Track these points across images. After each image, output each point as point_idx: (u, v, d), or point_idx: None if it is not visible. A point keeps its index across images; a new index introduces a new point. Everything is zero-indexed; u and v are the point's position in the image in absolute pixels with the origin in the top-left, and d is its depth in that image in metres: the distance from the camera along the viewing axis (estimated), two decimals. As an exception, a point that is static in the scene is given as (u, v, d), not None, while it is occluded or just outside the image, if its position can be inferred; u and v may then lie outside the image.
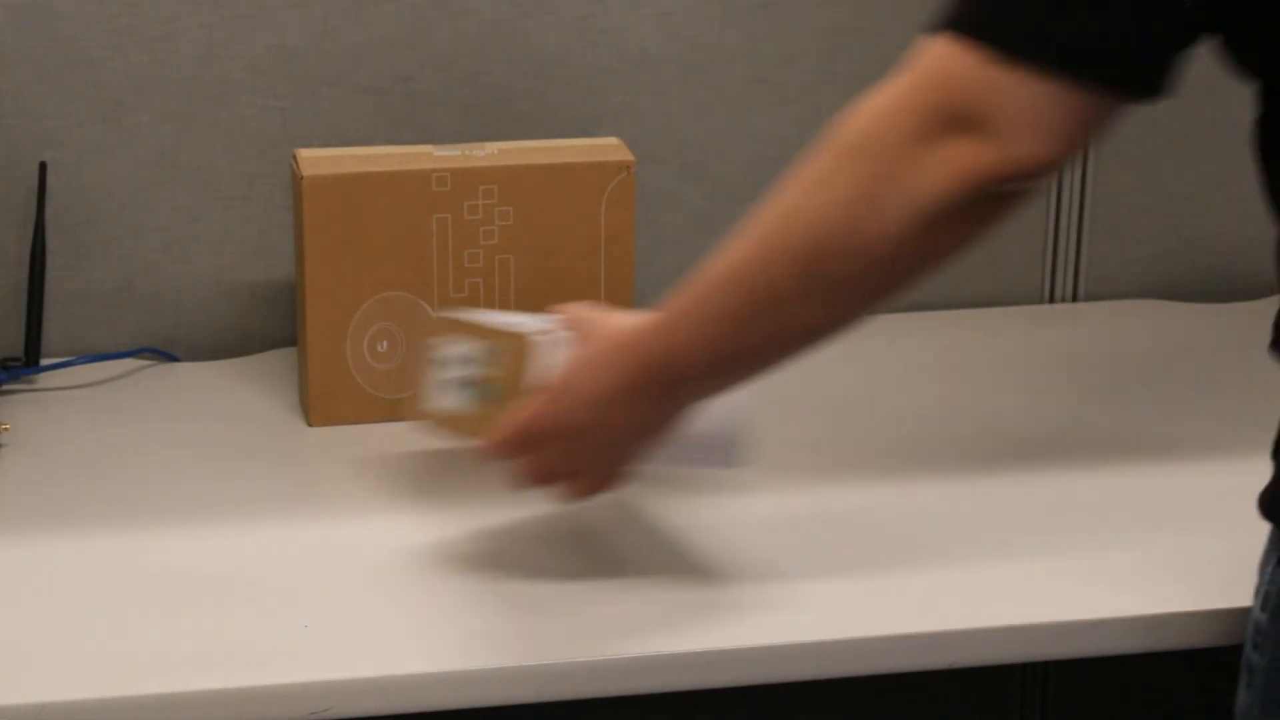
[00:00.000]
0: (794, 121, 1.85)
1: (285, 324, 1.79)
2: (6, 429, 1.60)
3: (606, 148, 1.67)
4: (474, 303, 1.64)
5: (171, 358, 1.77)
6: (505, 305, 1.64)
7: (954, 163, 1.11)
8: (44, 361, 1.72)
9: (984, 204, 1.13)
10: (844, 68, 1.85)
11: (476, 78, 1.78)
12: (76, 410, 1.67)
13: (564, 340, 1.34)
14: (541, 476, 1.34)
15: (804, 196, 1.18)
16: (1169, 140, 1.92)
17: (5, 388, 1.69)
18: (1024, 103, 1.09)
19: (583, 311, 1.35)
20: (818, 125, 1.89)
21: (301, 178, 1.59)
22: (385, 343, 1.63)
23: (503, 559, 1.42)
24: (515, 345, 1.36)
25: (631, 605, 1.38)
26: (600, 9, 1.79)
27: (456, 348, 1.40)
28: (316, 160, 1.61)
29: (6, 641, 1.31)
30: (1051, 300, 1.96)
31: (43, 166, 1.72)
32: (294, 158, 1.62)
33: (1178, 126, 1.91)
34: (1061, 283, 1.95)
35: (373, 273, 1.61)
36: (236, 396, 1.48)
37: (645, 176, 1.77)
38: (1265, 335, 1.28)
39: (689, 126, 1.84)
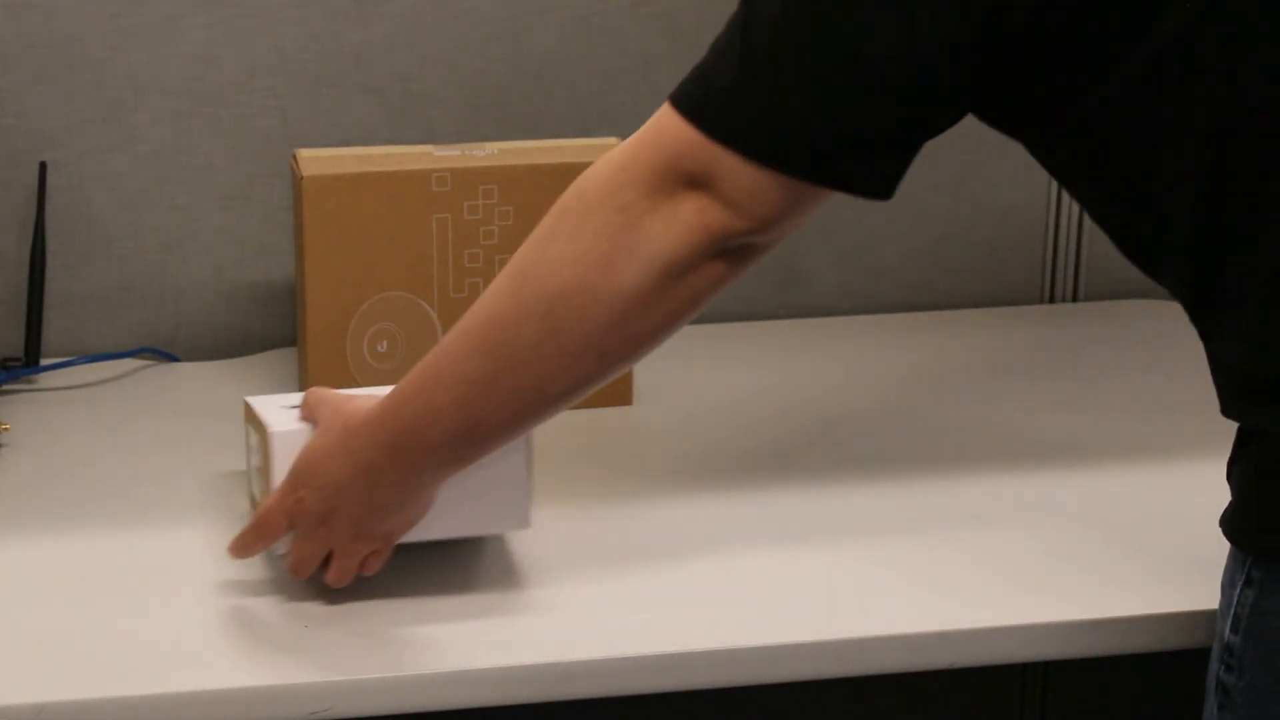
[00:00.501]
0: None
1: (285, 324, 1.79)
2: (6, 429, 1.60)
3: (606, 148, 1.66)
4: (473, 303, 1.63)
5: (171, 358, 1.77)
6: (505, 305, 1.64)
7: (688, 215, 1.18)
8: (44, 361, 1.72)
9: (718, 258, 1.20)
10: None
11: (476, 78, 1.78)
12: (76, 410, 1.67)
13: (307, 429, 1.34)
14: (296, 563, 1.33)
15: (540, 253, 1.22)
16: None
17: (5, 388, 1.69)
18: (736, 176, 1.17)
19: (321, 395, 1.35)
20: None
21: (301, 178, 1.59)
22: (385, 343, 1.63)
23: (501, 559, 1.42)
24: (264, 435, 1.37)
25: (631, 605, 1.38)
26: (600, 9, 1.79)
27: (249, 436, 1.42)
28: (316, 160, 1.61)
29: (6, 641, 1.31)
30: (1051, 300, 1.96)
31: (43, 166, 1.72)
32: (294, 158, 1.62)
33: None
34: (1061, 283, 1.95)
35: (373, 273, 1.61)
36: (236, 396, 1.48)
37: (645, 176, 1.77)
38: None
39: (689, 126, 1.83)
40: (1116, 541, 1.47)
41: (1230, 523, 1.23)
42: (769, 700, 1.68)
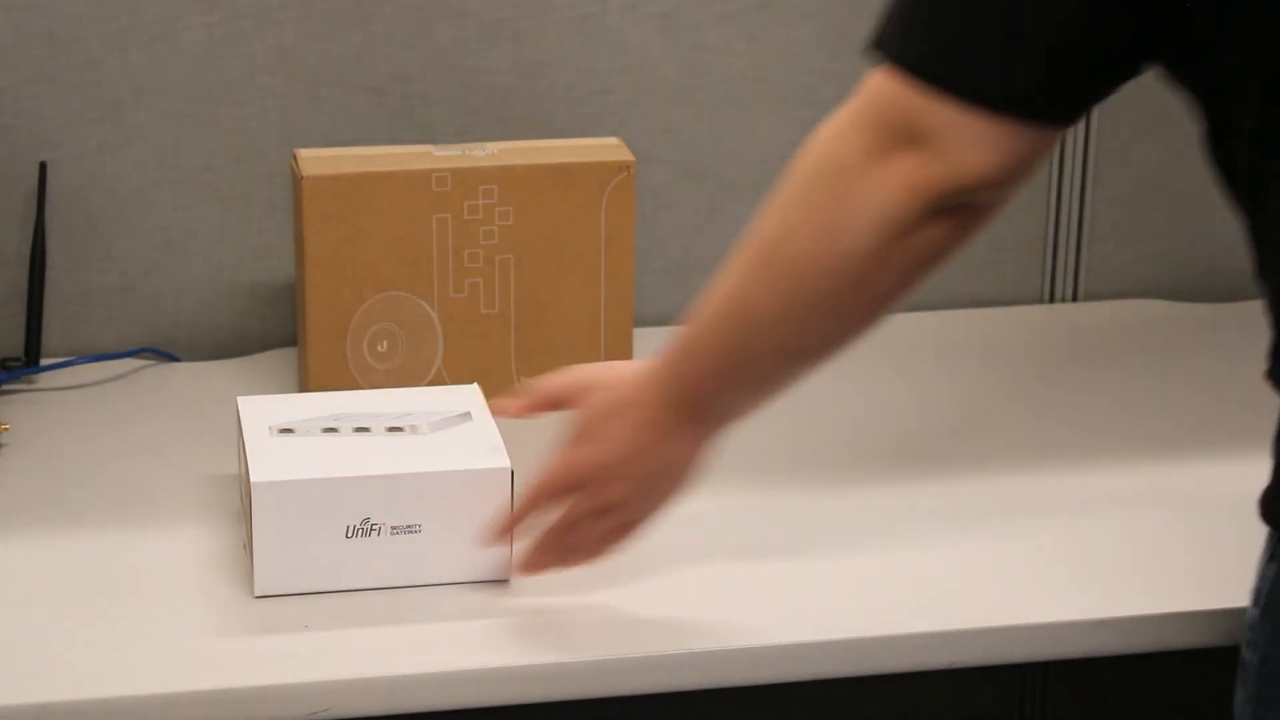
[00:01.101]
0: (794, 121, 1.85)
1: (285, 324, 1.79)
2: (6, 429, 1.60)
3: (606, 148, 1.67)
4: (474, 303, 1.64)
5: (171, 358, 1.77)
6: (505, 305, 1.64)
7: (904, 176, 1.17)
8: (44, 361, 1.72)
9: (941, 217, 1.19)
10: (844, 68, 1.84)
11: (476, 78, 1.78)
12: (76, 410, 1.67)
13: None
14: (571, 527, 1.34)
15: (776, 221, 1.22)
16: (1169, 140, 1.92)
17: (5, 388, 1.69)
18: (956, 126, 1.15)
19: (585, 371, 1.38)
20: (817, 125, 1.89)
21: (301, 178, 1.59)
22: (385, 343, 1.63)
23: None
24: (247, 484, 1.37)
25: (631, 605, 1.38)
26: (600, 9, 1.79)
27: (241, 449, 1.44)
28: (316, 160, 1.61)
29: (6, 641, 1.31)
30: (1051, 300, 1.96)
31: (43, 166, 1.71)
32: (294, 158, 1.62)
33: (1178, 126, 1.91)
34: (1061, 283, 1.95)
35: (373, 273, 1.61)
36: (236, 396, 1.48)
37: (645, 176, 1.77)
38: (1265, 335, 1.28)
39: (689, 126, 1.84)
40: (1116, 541, 1.47)
41: (1262, 497, 1.24)
42: (769, 700, 1.68)
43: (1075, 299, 1.96)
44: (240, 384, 1.69)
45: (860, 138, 1.18)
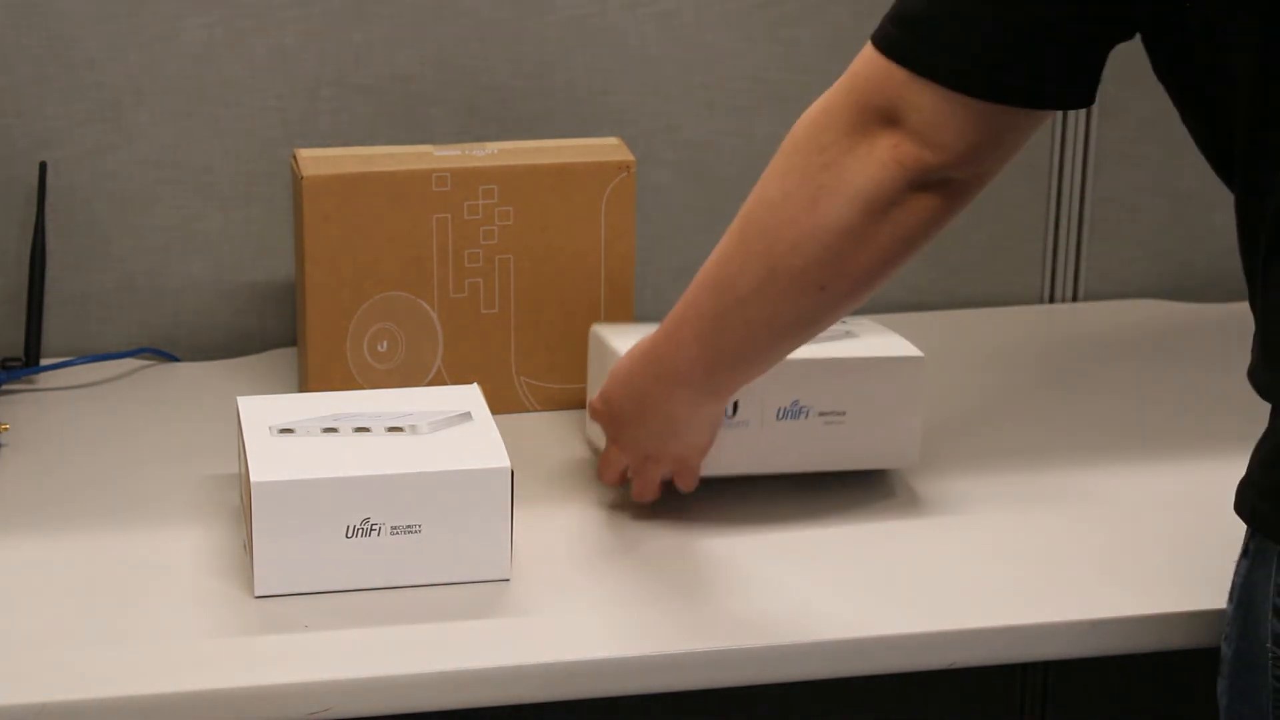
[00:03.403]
0: (794, 121, 1.85)
1: (285, 324, 1.79)
2: (6, 429, 1.60)
3: (606, 148, 1.67)
4: (474, 303, 1.64)
5: (171, 358, 1.77)
6: (505, 305, 1.64)
7: (884, 152, 1.22)
8: (44, 361, 1.72)
9: (922, 193, 1.24)
10: (844, 67, 1.84)
11: (476, 78, 1.78)
12: (76, 410, 1.67)
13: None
14: (615, 469, 1.48)
15: (762, 195, 1.28)
16: (1169, 140, 1.92)
17: (5, 388, 1.69)
18: (926, 105, 1.21)
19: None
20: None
21: (301, 178, 1.59)
22: (385, 343, 1.63)
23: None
24: (247, 484, 1.38)
25: (631, 605, 1.38)
26: (600, 9, 1.79)
27: (241, 449, 1.46)
28: (316, 160, 1.61)
29: (6, 641, 1.31)
30: (1051, 300, 1.96)
31: (43, 166, 1.72)
32: (294, 158, 1.62)
33: (1178, 126, 1.91)
34: (1061, 283, 1.95)
35: (373, 273, 1.61)
36: (236, 396, 1.48)
37: (645, 176, 1.77)
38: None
39: (689, 126, 1.84)
40: (1116, 541, 1.47)
41: (1237, 491, 1.26)
42: (769, 700, 1.68)
43: (1075, 299, 1.96)
44: (240, 384, 1.69)
45: (844, 116, 1.24)
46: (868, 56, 1.24)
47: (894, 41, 1.22)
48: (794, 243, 1.26)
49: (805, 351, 1.40)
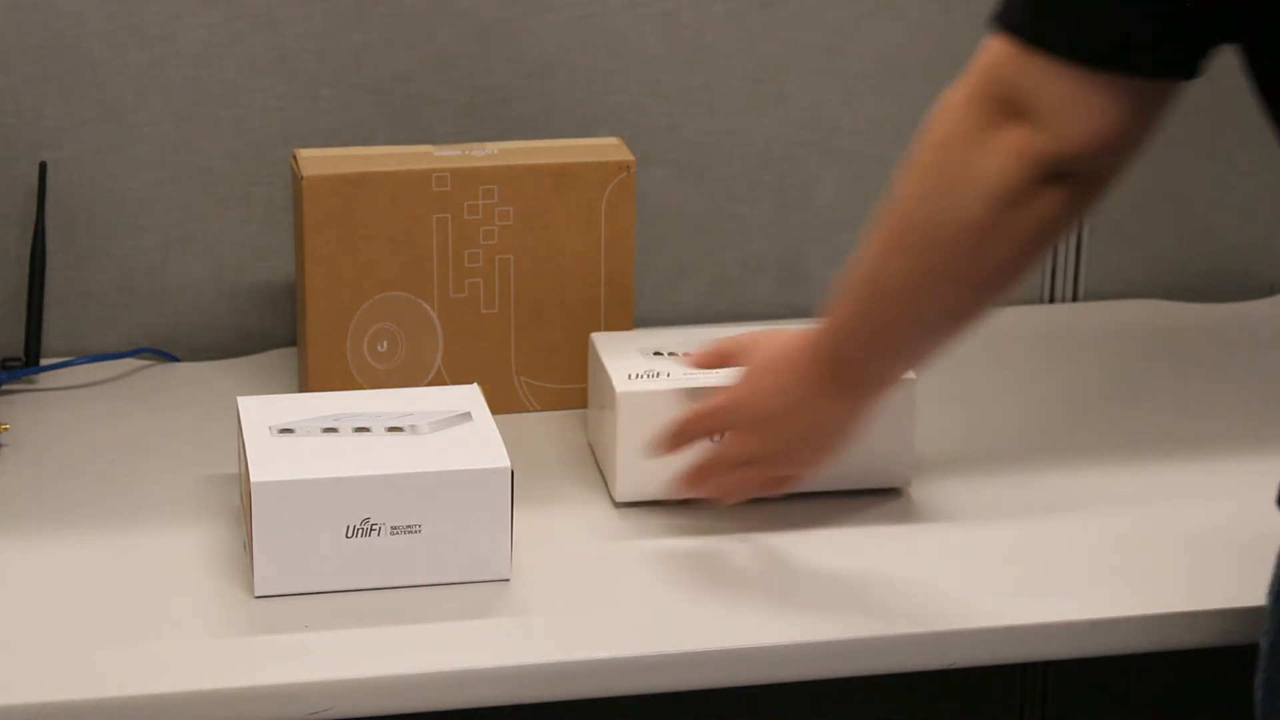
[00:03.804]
0: (794, 121, 1.85)
1: (285, 324, 1.79)
2: (6, 429, 1.60)
3: (606, 148, 1.67)
4: (474, 303, 1.64)
5: (171, 358, 1.77)
6: (505, 305, 1.64)
7: (1012, 145, 1.19)
8: (44, 361, 1.72)
9: (1053, 186, 1.20)
10: (845, 67, 1.85)
11: (476, 78, 1.78)
12: (76, 410, 1.67)
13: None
14: (716, 466, 1.42)
15: (904, 190, 1.26)
16: (1169, 140, 1.91)
17: (5, 388, 1.69)
18: (1059, 90, 1.17)
19: (754, 333, 1.45)
20: (817, 125, 1.89)
21: (301, 178, 1.59)
22: (385, 343, 1.63)
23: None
24: (247, 484, 1.38)
25: (631, 605, 1.38)
26: (600, 9, 1.79)
27: (241, 449, 1.46)
28: (316, 160, 1.61)
29: (6, 641, 1.31)
30: (1051, 300, 1.96)
31: (43, 166, 1.71)
32: (294, 158, 1.62)
33: (1178, 126, 1.91)
34: (1061, 283, 1.95)
35: (373, 273, 1.61)
36: (236, 396, 1.48)
37: (645, 176, 1.77)
38: (1266, 335, 1.28)
39: (689, 126, 1.84)
40: (1116, 541, 1.47)
41: None
42: (769, 700, 1.68)
43: (1075, 299, 1.96)
44: (240, 384, 1.69)
45: (969, 109, 1.20)
46: (987, 44, 1.20)
47: (1016, 21, 1.18)
48: (929, 240, 1.24)
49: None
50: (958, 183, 1.21)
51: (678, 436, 1.43)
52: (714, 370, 1.48)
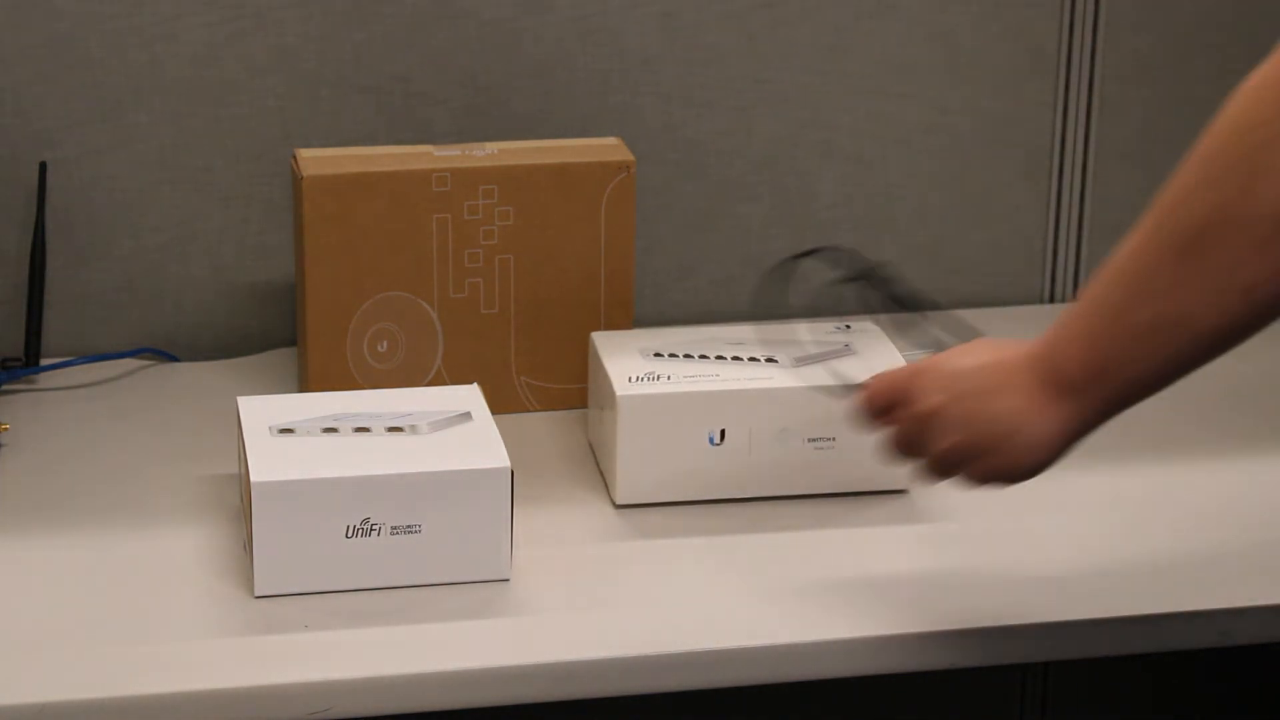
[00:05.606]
0: (794, 121, 1.85)
1: (285, 324, 1.79)
2: (6, 429, 1.60)
3: (606, 148, 1.67)
4: (474, 303, 1.64)
5: (171, 358, 1.77)
6: (505, 305, 1.64)
7: None
8: (44, 361, 1.72)
9: None
10: (844, 67, 1.85)
11: (476, 78, 1.78)
12: (76, 410, 1.67)
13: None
14: (893, 442, 1.29)
15: (1185, 178, 1.14)
16: (1169, 140, 1.92)
17: (5, 388, 1.69)
18: None
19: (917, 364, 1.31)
20: (817, 125, 1.89)
21: (301, 178, 1.59)
22: (385, 343, 1.63)
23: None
24: (247, 483, 1.38)
25: (631, 605, 1.38)
26: (600, 9, 1.79)
27: (241, 449, 1.44)
28: (316, 160, 1.61)
29: (6, 641, 1.31)
30: (1051, 300, 1.96)
31: (43, 166, 1.71)
32: (294, 158, 1.62)
33: (1178, 126, 1.91)
34: (1061, 283, 1.95)
35: (373, 273, 1.61)
36: (236, 396, 1.48)
37: (645, 176, 1.77)
38: (1266, 335, 1.28)
39: (689, 126, 1.84)
40: (1116, 541, 1.47)
41: None
42: (769, 700, 1.68)
43: (1075, 299, 1.96)
44: (240, 384, 1.69)
45: None
46: None
47: None
48: (1220, 235, 1.11)
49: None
50: (1266, 167, 1.09)
51: (867, 401, 1.30)
52: (716, 375, 1.47)
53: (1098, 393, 1.21)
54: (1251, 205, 1.10)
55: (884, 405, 1.28)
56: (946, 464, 1.27)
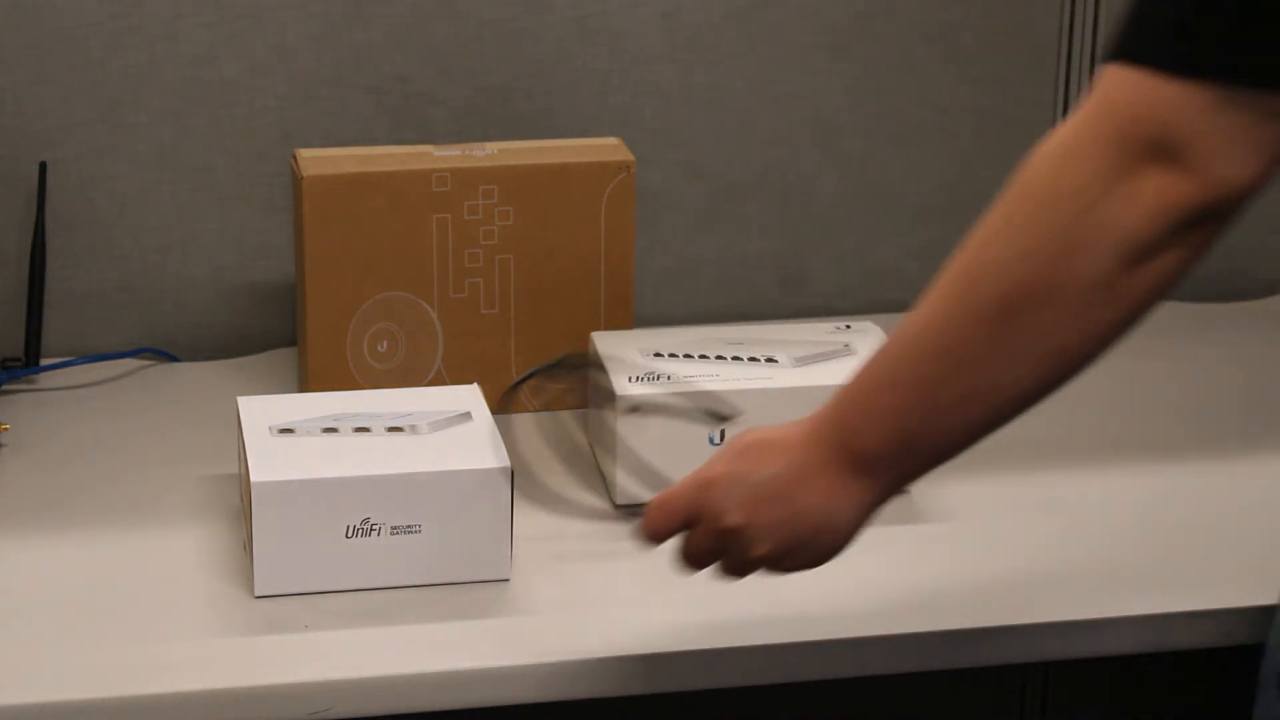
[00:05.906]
0: (794, 121, 1.85)
1: (285, 324, 1.79)
2: (6, 429, 1.60)
3: (606, 148, 1.67)
4: (474, 303, 1.64)
5: (171, 358, 1.77)
6: (505, 305, 1.64)
7: (1154, 195, 1.05)
8: (44, 361, 1.72)
9: (1185, 235, 1.07)
10: (844, 67, 1.85)
11: (476, 78, 1.78)
12: (76, 410, 1.67)
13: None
14: (690, 559, 1.25)
15: (992, 248, 1.11)
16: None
17: (5, 388, 1.69)
18: (1216, 122, 1.04)
19: (749, 439, 1.24)
20: (817, 125, 1.89)
21: (301, 178, 1.59)
22: (385, 343, 1.63)
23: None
24: (247, 484, 1.38)
25: (631, 605, 1.38)
26: (600, 9, 1.79)
27: (241, 449, 1.45)
28: (316, 160, 1.61)
29: (6, 641, 1.31)
30: (1051, 300, 1.96)
31: (43, 166, 1.72)
32: (294, 158, 1.62)
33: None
34: (1061, 283, 1.95)
35: (373, 273, 1.61)
36: (236, 396, 1.48)
37: (645, 176, 1.77)
38: (1266, 335, 1.27)
39: (689, 126, 1.84)
40: (1115, 542, 1.47)
41: None
42: (769, 700, 1.68)
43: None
44: (240, 384, 1.69)
45: (1099, 154, 1.06)
46: (1122, 78, 1.05)
47: (1166, 52, 1.03)
48: (1036, 304, 1.09)
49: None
50: (1081, 239, 1.07)
51: (655, 526, 1.24)
52: (716, 375, 1.47)
53: (900, 467, 1.19)
54: (1068, 275, 1.08)
55: (678, 527, 1.23)
56: (757, 568, 1.23)
